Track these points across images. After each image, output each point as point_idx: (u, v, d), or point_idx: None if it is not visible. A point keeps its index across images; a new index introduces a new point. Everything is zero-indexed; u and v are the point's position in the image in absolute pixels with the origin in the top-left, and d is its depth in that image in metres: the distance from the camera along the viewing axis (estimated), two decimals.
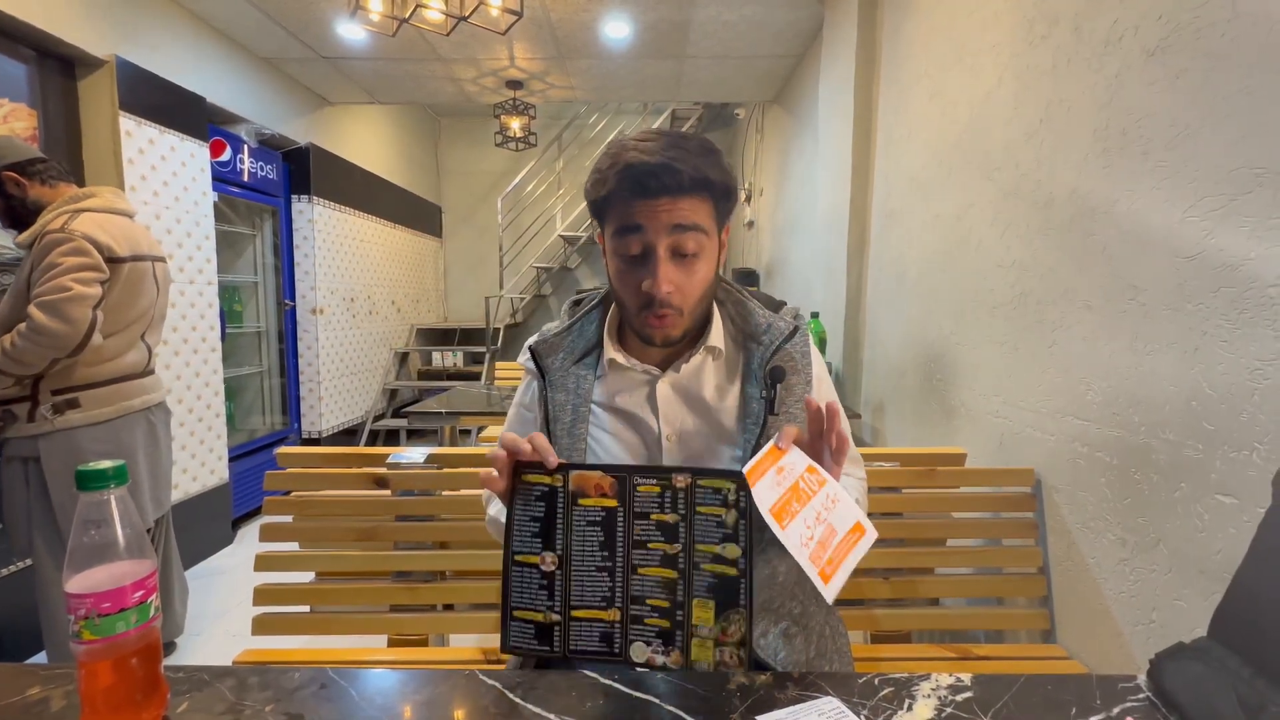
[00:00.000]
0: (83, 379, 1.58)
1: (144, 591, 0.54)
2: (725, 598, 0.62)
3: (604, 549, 0.65)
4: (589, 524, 0.65)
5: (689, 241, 0.75)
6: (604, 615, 0.64)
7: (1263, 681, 0.54)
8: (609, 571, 0.65)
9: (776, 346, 0.81)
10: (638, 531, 0.65)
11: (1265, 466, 0.83)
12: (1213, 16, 0.91)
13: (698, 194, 0.75)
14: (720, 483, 0.63)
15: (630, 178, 0.73)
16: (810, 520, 0.63)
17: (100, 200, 1.61)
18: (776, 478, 0.64)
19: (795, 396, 0.81)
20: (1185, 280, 0.95)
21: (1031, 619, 1.28)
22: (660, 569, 0.64)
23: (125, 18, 2.49)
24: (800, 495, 0.64)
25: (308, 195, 3.71)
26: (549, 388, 0.86)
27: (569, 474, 0.66)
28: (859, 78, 2.27)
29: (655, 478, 0.65)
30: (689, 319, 0.79)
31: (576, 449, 0.83)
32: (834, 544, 0.63)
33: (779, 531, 0.61)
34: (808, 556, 0.61)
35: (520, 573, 0.66)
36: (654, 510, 0.64)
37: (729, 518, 0.63)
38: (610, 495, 0.65)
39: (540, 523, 0.66)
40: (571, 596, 0.65)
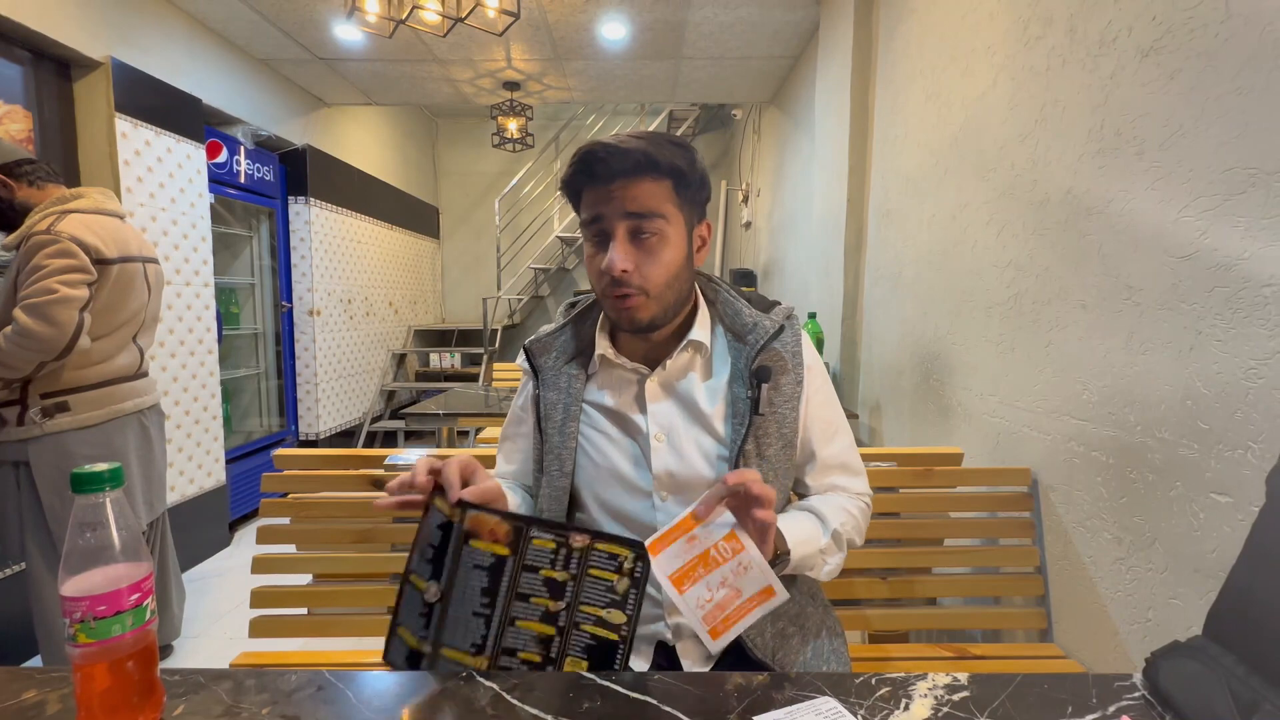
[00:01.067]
0: (72, 382, 1.56)
1: (140, 594, 0.54)
2: (600, 660, 0.63)
3: (485, 595, 0.64)
4: (475, 567, 0.64)
5: (646, 225, 0.76)
6: (471, 661, 0.64)
7: (1257, 679, 0.54)
8: (485, 620, 0.64)
9: (762, 345, 0.81)
10: (523, 584, 0.64)
11: (1260, 465, 0.84)
12: (1206, 17, 0.91)
13: (649, 176, 0.76)
14: (618, 549, 0.63)
15: (582, 161, 0.76)
16: (714, 585, 0.65)
17: (88, 201, 1.60)
18: (686, 545, 0.66)
19: (783, 396, 0.82)
20: (1180, 280, 0.96)
21: (1028, 618, 1.29)
22: (539, 624, 0.63)
23: (121, 19, 2.48)
24: (709, 562, 0.66)
25: (304, 197, 3.70)
26: (542, 386, 0.87)
27: (466, 512, 0.65)
28: (855, 79, 2.27)
29: (553, 534, 0.64)
30: (657, 304, 0.78)
31: (567, 448, 0.83)
32: (734, 605, 0.65)
33: (675, 596, 0.64)
34: (700, 617, 0.64)
35: (409, 592, 0.66)
36: (544, 565, 0.64)
37: (620, 585, 0.63)
38: (503, 543, 0.64)
39: (434, 550, 0.65)
40: (444, 634, 0.64)
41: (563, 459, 0.84)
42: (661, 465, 0.81)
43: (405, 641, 0.66)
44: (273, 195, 3.56)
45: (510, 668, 0.63)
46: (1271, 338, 0.82)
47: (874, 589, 1.29)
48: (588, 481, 0.84)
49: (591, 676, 0.64)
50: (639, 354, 0.85)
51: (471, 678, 0.64)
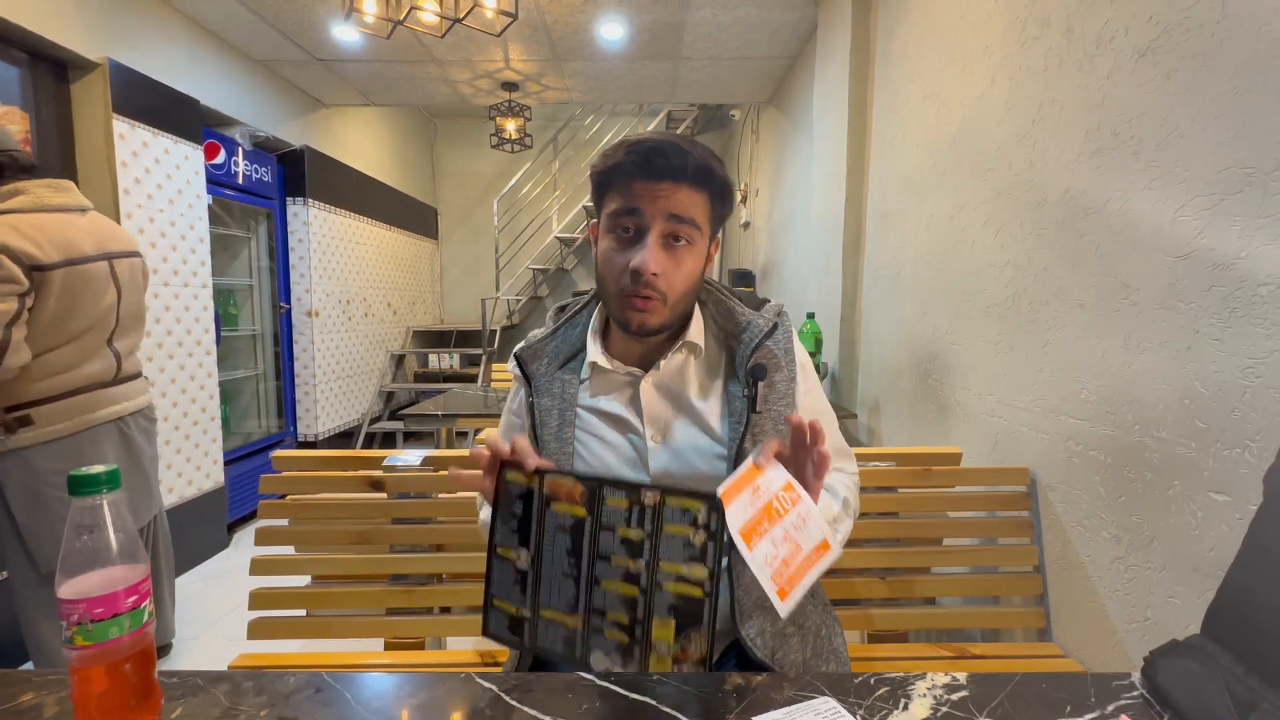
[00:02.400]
0: (35, 394, 1.45)
1: (137, 597, 0.54)
2: (686, 618, 0.62)
3: (571, 556, 0.65)
4: (559, 529, 0.66)
5: (682, 232, 0.76)
6: (567, 620, 0.65)
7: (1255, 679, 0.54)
8: (574, 579, 0.65)
9: (756, 344, 0.81)
10: (603, 545, 0.64)
11: (1257, 464, 0.84)
12: (1202, 17, 0.91)
13: (698, 186, 0.76)
14: (690, 503, 0.62)
15: (640, 153, 0.75)
16: (778, 539, 0.64)
17: (27, 199, 1.43)
18: (751, 497, 0.65)
19: (778, 393, 0.82)
20: (1177, 279, 0.96)
21: (1027, 618, 1.29)
22: (622, 584, 0.63)
23: (118, 20, 2.48)
24: (772, 514, 0.65)
25: (303, 198, 3.70)
26: (535, 393, 0.86)
27: (544, 478, 0.66)
28: (853, 79, 2.27)
29: (625, 491, 0.64)
30: (670, 312, 0.79)
31: (564, 453, 0.83)
32: (797, 561, 0.64)
33: (746, 553, 0.62)
34: (770, 575, 0.62)
35: (500, 565, 0.67)
36: (620, 524, 0.64)
37: (696, 538, 0.62)
38: (580, 504, 0.65)
39: (518, 520, 0.67)
40: (540, 596, 0.66)
41: (560, 465, 0.83)
42: (659, 466, 0.81)
43: (504, 612, 0.67)
44: (271, 196, 3.56)
45: (602, 629, 0.64)
46: (1269, 336, 0.82)
47: (873, 589, 1.29)
48: None
49: (590, 678, 0.64)
50: (632, 356, 0.85)
51: (470, 679, 0.64)
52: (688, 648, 0.61)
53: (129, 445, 1.65)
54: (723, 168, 0.79)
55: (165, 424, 2.56)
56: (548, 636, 0.65)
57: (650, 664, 0.62)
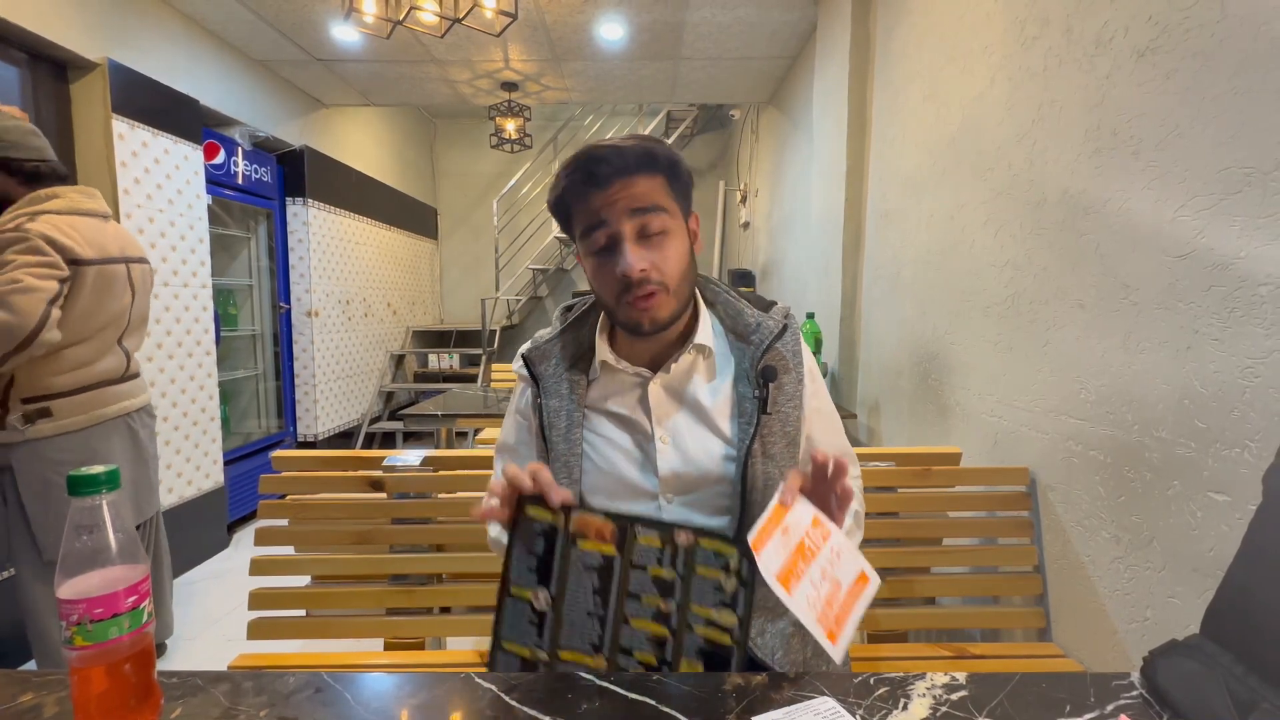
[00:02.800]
0: (54, 387, 1.52)
1: (137, 597, 0.54)
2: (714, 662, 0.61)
3: (598, 595, 0.63)
4: (586, 568, 0.63)
5: (653, 221, 0.76)
6: (589, 660, 0.63)
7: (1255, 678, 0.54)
8: (600, 620, 0.63)
9: (767, 345, 0.81)
10: (633, 583, 0.63)
11: (1257, 464, 0.84)
12: (1202, 17, 0.91)
13: (647, 172, 0.77)
14: (723, 547, 0.61)
15: (579, 169, 0.76)
16: (816, 579, 0.61)
17: (63, 202, 1.53)
18: (782, 539, 0.62)
19: (787, 395, 0.82)
20: (1177, 279, 0.96)
21: (1027, 617, 1.29)
22: (652, 623, 0.62)
23: (117, 20, 2.48)
24: (806, 553, 0.62)
25: (302, 198, 3.70)
26: (543, 394, 0.85)
27: (570, 514, 0.64)
28: (853, 79, 2.27)
29: (657, 530, 0.63)
30: (675, 299, 0.79)
31: (573, 454, 0.83)
32: (840, 599, 0.62)
33: (786, 599, 0.59)
34: (815, 619, 0.59)
35: (513, 605, 0.65)
36: (652, 564, 0.62)
37: (728, 584, 0.61)
38: (610, 542, 0.63)
39: (538, 559, 0.64)
40: (561, 637, 0.64)
41: (570, 466, 0.83)
42: (667, 467, 0.81)
43: (515, 654, 0.64)
44: (270, 196, 3.56)
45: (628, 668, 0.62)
46: (1268, 336, 0.82)
47: None
48: (594, 487, 0.83)
49: (590, 678, 0.64)
50: (641, 357, 0.84)
51: (470, 679, 0.64)
52: None
53: (135, 440, 1.71)
54: (662, 145, 0.79)
55: (165, 424, 2.56)
56: None
57: None
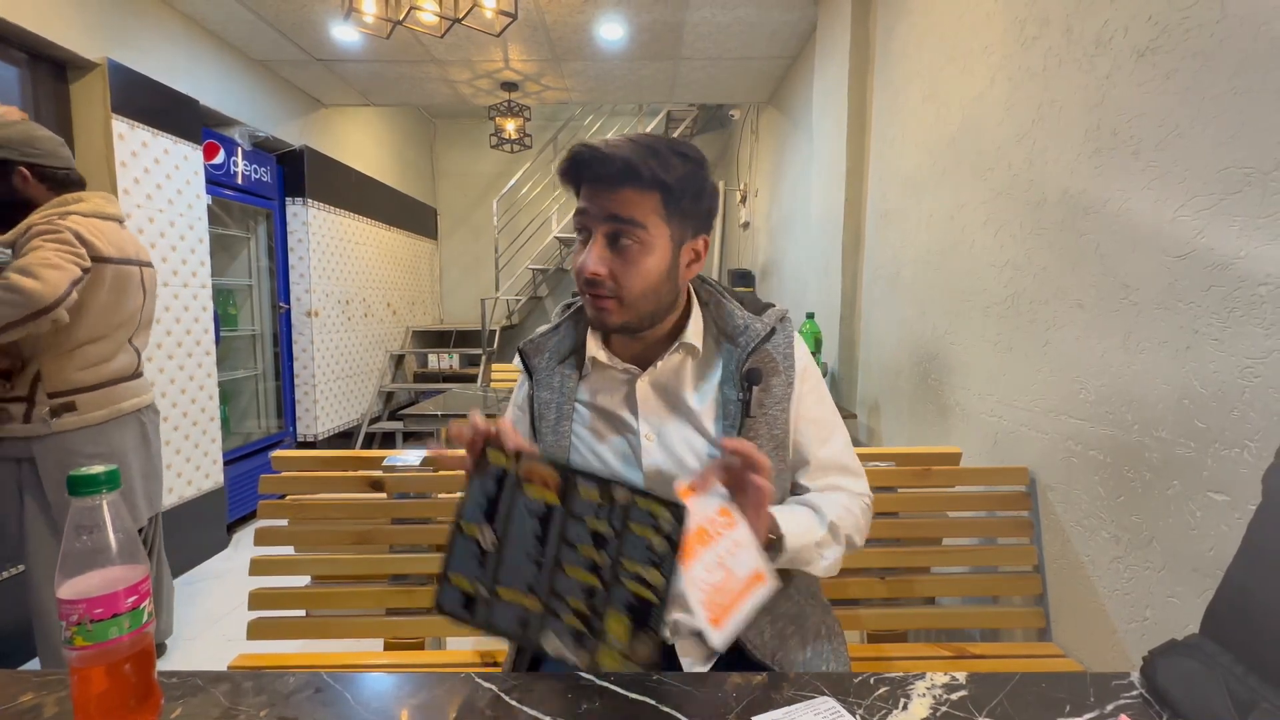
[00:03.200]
0: (77, 382, 1.58)
1: (137, 597, 0.54)
2: (639, 619, 0.62)
3: (539, 540, 0.66)
4: (530, 513, 0.67)
5: (625, 232, 0.75)
6: (525, 600, 0.66)
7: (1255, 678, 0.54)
8: (538, 564, 0.66)
9: (753, 348, 0.81)
10: (572, 533, 0.65)
11: (1256, 464, 0.84)
12: (1201, 17, 0.91)
13: (631, 186, 0.74)
14: (657, 508, 0.63)
15: (571, 163, 0.76)
16: (710, 564, 0.63)
17: (88, 205, 1.62)
18: None
19: (774, 398, 0.82)
20: (1176, 279, 0.96)
21: (1026, 617, 1.29)
22: (585, 573, 0.64)
23: (117, 20, 2.48)
24: (704, 537, 0.65)
25: (302, 198, 3.70)
26: (536, 387, 0.88)
27: (521, 460, 0.67)
28: (853, 79, 2.27)
29: (598, 485, 0.65)
30: (630, 312, 0.77)
31: (560, 446, 0.84)
32: (731, 590, 0.63)
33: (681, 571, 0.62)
34: (701, 601, 0.62)
35: (462, 541, 0.68)
36: (590, 516, 0.65)
37: (658, 544, 0.63)
38: (554, 490, 0.66)
39: (489, 500, 0.68)
40: (501, 576, 0.66)
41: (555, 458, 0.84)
42: (652, 464, 0.81)
43: (459, 587, 0.67)
44: (270, 196, 3.56)
45: (560, 613, 0.65)
46: (1268, 336, 0.82)
47: (872, 589, 1.29)
48: None
49: (589, 678, 0.64)
50: (631, 354, 0.85)
51: (470, 679, 0.64)
52: (638, 648, 0.62)
53: (145, 435, 1.77)
54: (666, 165, 0.73)
55: (165, 424, 2.56)
56: (503, 616, 0.66)
57: (601, 654, 0.62)
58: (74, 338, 1.56)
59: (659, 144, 0.75)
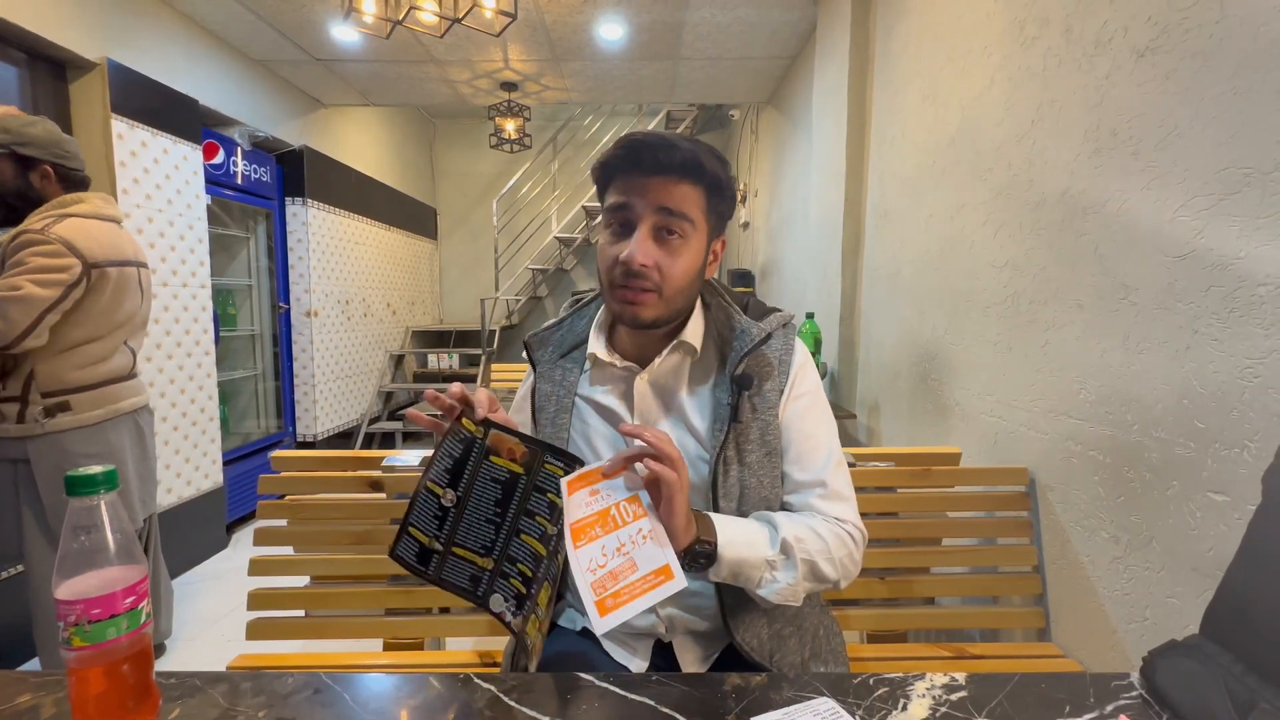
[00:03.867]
0: (74, 382, 1.58)
1: (135, 597, 0.54)
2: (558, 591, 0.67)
3: (498, 505, 0.69)
4: (492, 479, 0.70)
5: (675, 225, 0.76)
6: (479, 560, 0.69)
7: (1254, 678, 0.54)
8: (496, 526, 0.69)
9: (746, 351, 0.80)
10: (531, 502, 0.68)
11: (1256, 464, 0.84)
12: (1201, 17, 0.91)
13: (689, 180, 0.76)
14: None
15: (629, 147, 0.76)
16: (610, 549, 0.63)
17: (88, 206, 1.61)
18: (589, 498, 0.66)
19: (767, 403, 0.81)
20: (1176, 279, 0.96)
21: (1026, 618, 1.29)
22: (537, 542, 0.67)
23: (116, 20, 2.48)
24: (607, 522, 0.65)
25: (302, 198, 3.70)
26: (538, 379, 0.90)
27: (490, 431, 0.70)
28: (852, 79, 2.27)
29: (563, 462, 0.68)
30: (666, 306, 0.78)
31: (558, 439, 0.85)
32: (629, 579, 0.62)
33: (571, 550, 0.63)
34: (589, 583, 0.62)
35: (426, 497, 0.71)
36: (552, 490, 0.68)
37: None
38: (519, 462, 0.69)
39: (455, 462, 0.71)
40: (457, 534, 0.70)
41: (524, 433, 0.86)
42: None
43: (416, 540, 0.71)
44: (270, 196, 3.55)
45: (509, 575, 0.68)
46: (1267, 336, 0.82)
47: (872, 589, 1.29)
48: None
49: (589, 678, 0.64)
50: (632, 351, 0.85)
51: (469, 680, 0.64)
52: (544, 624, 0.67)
53: (141, 436, 1.77)
54: (720, 164, 0.78)
55: (164, 424, 2.56)
56: (454, 572, 0.69)
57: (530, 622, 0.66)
58: (70, 338, 1.55)
59: (702, 142, 0.78)
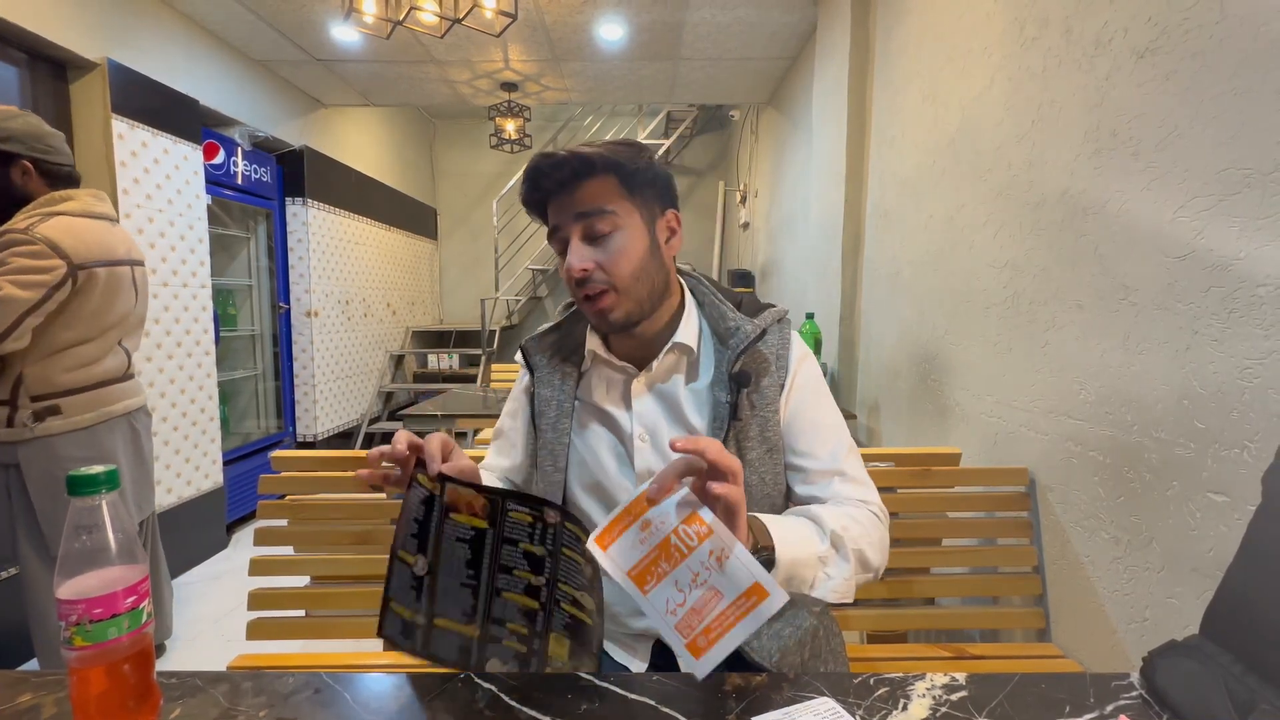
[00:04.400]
0: (64, 385, 1.54)
1: (136, 597, 0.54)
2: (580, 640, 0.62)
3: (470, 567, 0.64)
4: (458, 540, 0.64)
5: (597, 223, 0.76)
6: (463, 629, 0.64)
7: (1254, 678, 0.54)
8: (472, 590, 0.64)
9: (743, 349, 0.80)
10: (505, 556, 0.63)
11: (1256, 465, 0.84)
12: (1201, 18, 0.91)
13: (589, 177, 0.77)
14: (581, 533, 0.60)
15: (530, 179, 0.79)
16: (684, 583, 0.55)
17: (77, 204, 1.56)
18: (640, 534, 0.57)
19: (766, 399, 0.81)
20: (1176, 280, 0.96)
21: (1026, 618, 1.29)
22: (523, 597, 0.63)
23: (117, 20, 2.48)
24: (670, 553, 0.56)
25: (302, 198, 3.70)
26: (536, 384, 0.88)
27: (445, 486, 0.65)
28: (852, 79, 2.27)
29: (528, 507, 0.62)
30: (628, 299, 0.78)
31: (560, 444, 0.85)
32: (716, 610, 0.54)
33: (640, 600, 0.55)
34: (672, 626, 0.54)
35: (399, 568, 0.66)
36: (524, 540, 0.63)
37: (586, 570, 0.61)
38: (481, 516, 0.64)
39: (419, 524, 0.66)
40: (436, 605, 0.65)
41: (556, 455, 0.85)
42: (644, 464, 0.81)
43: (399, 615, 0.67)
44: (270, 196, 3.56)
45: (501, 638, 0.64)
46: (1267, 337, 0.82)
47: (872, 589, 1.29)
48: (579, 478, 0.86)
49: (589, 678, 0.64)
50: (629, 354, 0.85)
51: (469, 680, 0.64)
52: (579, 668, 0.62)
53: (136, 439, 1.74)
54: (619, 148, 0.76)
55: (164, 424, 2.56)
56: (441, 644, 0.65)
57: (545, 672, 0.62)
58: (59, 340, 1.51)
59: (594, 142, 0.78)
